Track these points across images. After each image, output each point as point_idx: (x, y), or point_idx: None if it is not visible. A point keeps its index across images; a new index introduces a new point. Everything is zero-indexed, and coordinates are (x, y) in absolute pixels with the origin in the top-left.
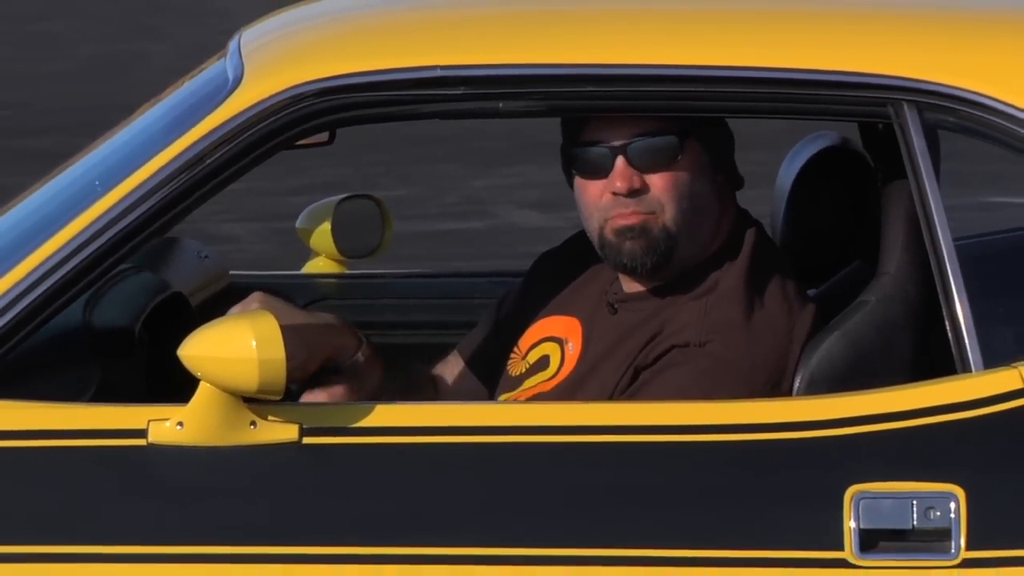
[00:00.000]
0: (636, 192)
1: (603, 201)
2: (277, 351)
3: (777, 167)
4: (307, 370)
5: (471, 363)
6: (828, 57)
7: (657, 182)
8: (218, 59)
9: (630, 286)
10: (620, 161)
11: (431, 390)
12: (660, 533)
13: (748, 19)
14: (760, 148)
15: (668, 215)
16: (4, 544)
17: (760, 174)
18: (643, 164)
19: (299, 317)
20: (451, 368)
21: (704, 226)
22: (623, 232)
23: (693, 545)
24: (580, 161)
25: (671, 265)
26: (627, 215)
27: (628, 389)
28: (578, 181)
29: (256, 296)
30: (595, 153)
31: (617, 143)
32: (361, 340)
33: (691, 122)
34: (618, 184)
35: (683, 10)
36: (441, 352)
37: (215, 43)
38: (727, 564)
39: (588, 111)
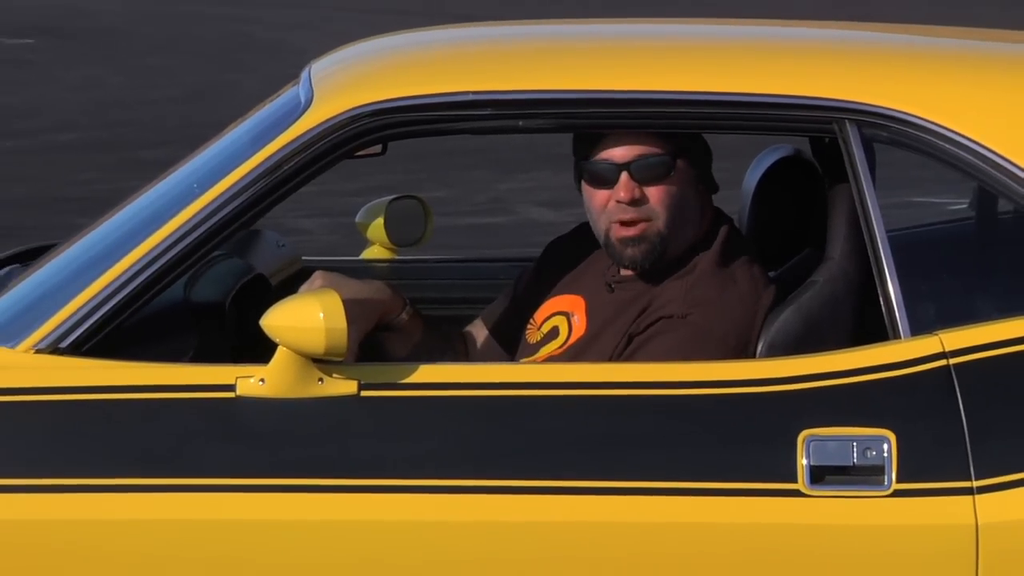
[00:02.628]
0: (636, 201)
1: (609, 207)
2: (340, 321)
3: (741, 174)
4: (363, 328)
5: (492, 329)
6: (786, 84)
7: (654, 193)
8: (292, 86)
9: (625, 270)
10: (624, 176)
11: (460, 346)
12: (648, 468)
13: (723, 53)
14: (727, 158)
15: (662, 220)
16: (120, 478)
17: (727, 179)
18: (642, 178)
19: (355, 286)
20: (476, 331)
21: (690, 226)
22: (625, 241)
23: (675, 478)
24: (591, 173)
25: (663, 259)
26: (628, 222)
27: (624, 353)
28: (588, 189)
29: (318, 274)
30: (604, 168)
31: (622, 161)
32: (405, 302)
33: (681, 144)
34: (622, 194)
35: (670, 45)
36: (469, 320)
37: (291, 74)
38: (703, 493)
39: (592, 128)
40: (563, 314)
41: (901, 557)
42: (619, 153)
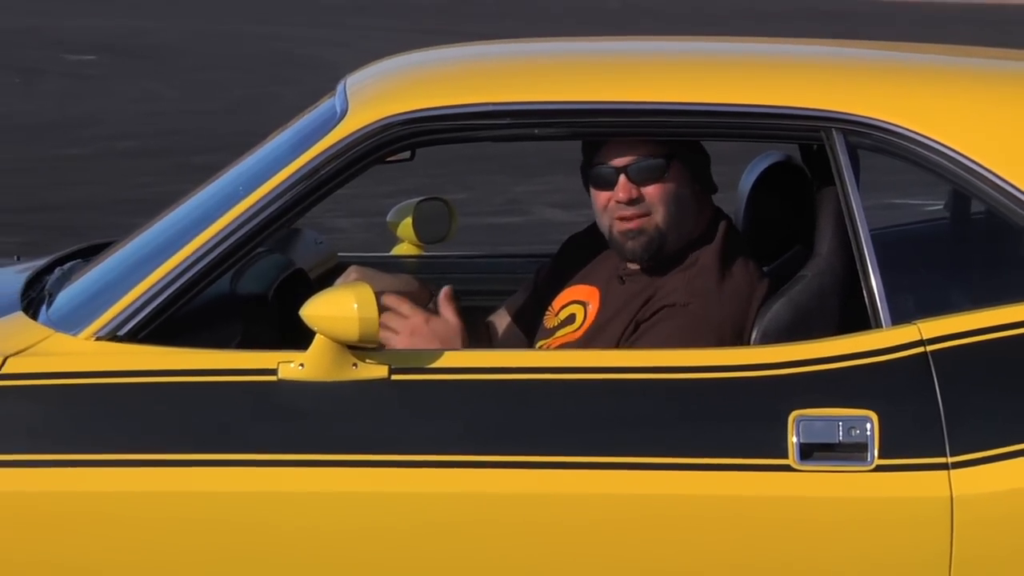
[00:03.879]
0: (634, 201)
1: (610, 206)
2: (372, 311)
3: (737, 177)
4: None
5: (514, 316)
6: (777, 96)
7: (651, 193)
8: (329, 98)
9: (634, 265)
10: (622, 178)
11: (484, 334)
12: (652, 445)
13: (718, 67)
14: (724, 163)
15: (659, 216)
16: (173, 453)
17: (724, 182)
18: (639, 180)
19: (386, 279)
20: (498, 319)
21: (686, 222)
22: (626, 234)
23: (677, 455)
24: (593, 177)
25: (663, 252)
26: (627, 218)
27: (631, 338)
28: (593, 190)
29: (352, 268)
30: (604, 171)
31: (620, 165)
32: (432, 293)
33: (674, 148)
34: (621, 195)
35: (671, 61)
36: (491, 311)
37: (328, 87)
38: (702, 468)
39: (601, 136)
40: (579, 303)
41: (882, 527)
42: (618, 158)
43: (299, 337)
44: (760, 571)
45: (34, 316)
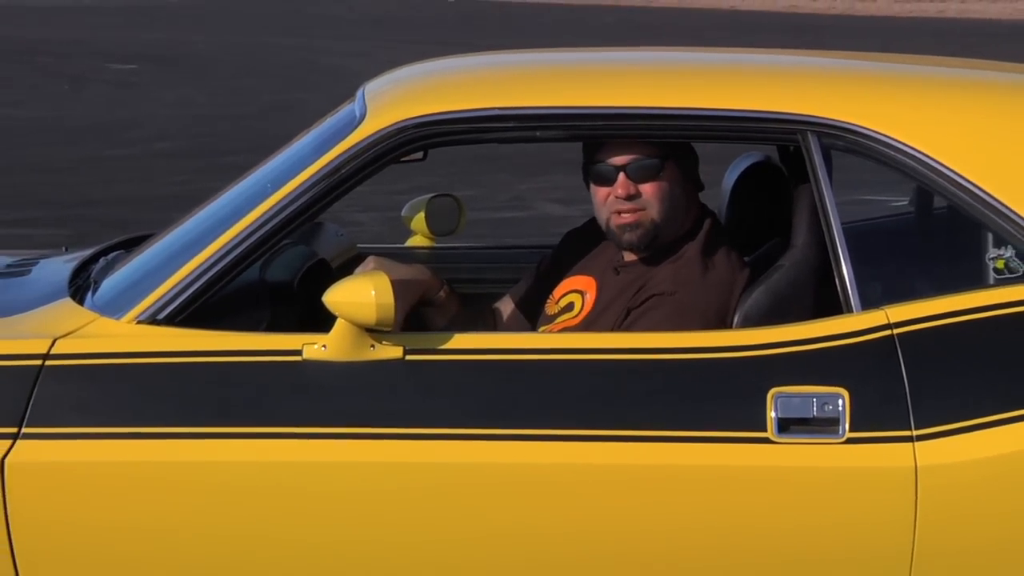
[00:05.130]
0: (632, 197)
1: (609, 201)
2: (388, 297)
3: (720, 176)
4: (408, 303)
5: (517, 303)
6: (758, 101)
7: (646, 189)
8: (349, 103)
9: (628, 257)
10: (621, 176)
11: (490, 318)
12: (643, 419)
13: (704, 75)
14: (709, 163)
15: (654, 211)
16: (206, 426)
17: (709, 180)
18: (636, 177)
19: (401, 269)
20: (503, 305)
21: (677, 217)
22: (623, 227)
23: (666, 428)
24: (594, 174)
25: (656, 243)
26: (625, 213)
27: (624, 323)
28: (593, 187)
29: (370, 258)
30: (604, 169)
31: (620, 163)
32: (442, 282)
33: (669, 149)
34: (619, 191)
35: (662, 69)
36: (497, 297)
37: (349, 94)
38: (689, 440)
39: (597, 138)
40: (578, 292)
41: (853, 493)
42: (617, 157)
43: (322, 321)
44: (742, 533)
45: (80, 302)
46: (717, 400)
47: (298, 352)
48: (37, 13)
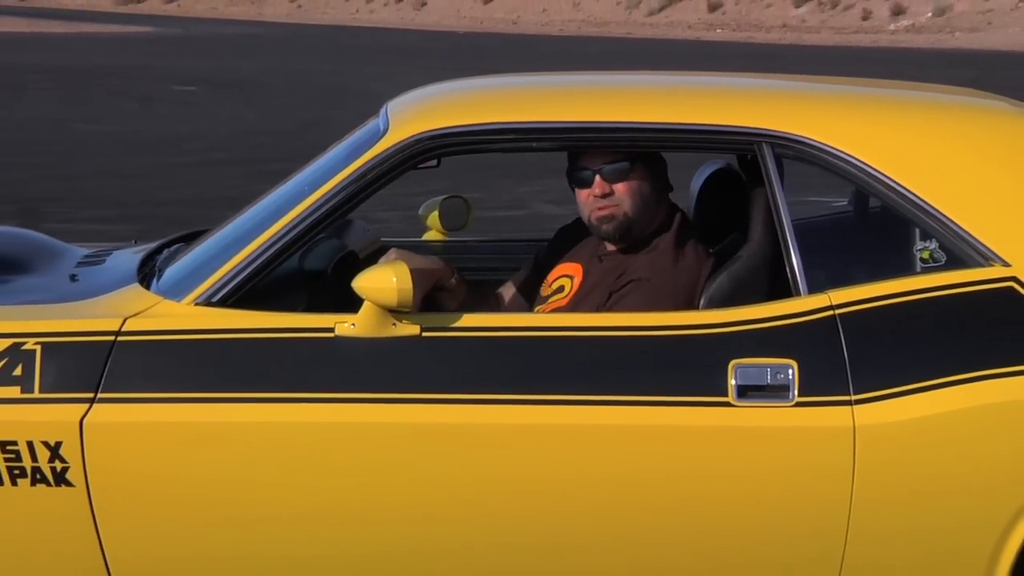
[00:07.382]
0: (607, 195)
1: (589, 200)
2: (407, 283)
3: (689, 180)
4: (424, 289)
5: (518, 288)
6: (720, 116)
7: (619, 188)
8: (373, 119)
9: (610, 247)
10: (597, 177)
11: (495, 301)
12: (622, 386)
13: (674, 94)
14: (680, 169)
15: (626, 206)
16: (253, 392)
17: (678, 184)
18: (610, 178)
19: (418, 259)
20: (506, 290)
21: (649, 212)
22: (601, 220)
23: (641, 393)
24: (575, 178)
25: (631, 236)
26: (602, 208)
27: (606, 304)
28: (576, 189)
29: (392, 250)
30: (584, 174)
31: (595, 167)
32: (454, 270)
33: (637, 154)
34: (596, 191)
35: (637, 90)
36: (500, 283)
37: (374, 111)
38: (661, 404)
39: (583, 147)
40: (567, 276)
41: (801, 448)
42: (593, 162)
43: (351, 303)
44: (708, 482)
45: (147, 287)
46: (686, 370)
47: (331, 330)
48: (109, 44)
